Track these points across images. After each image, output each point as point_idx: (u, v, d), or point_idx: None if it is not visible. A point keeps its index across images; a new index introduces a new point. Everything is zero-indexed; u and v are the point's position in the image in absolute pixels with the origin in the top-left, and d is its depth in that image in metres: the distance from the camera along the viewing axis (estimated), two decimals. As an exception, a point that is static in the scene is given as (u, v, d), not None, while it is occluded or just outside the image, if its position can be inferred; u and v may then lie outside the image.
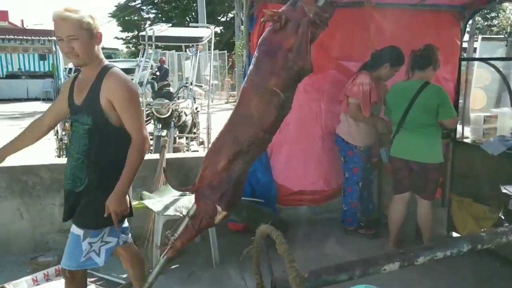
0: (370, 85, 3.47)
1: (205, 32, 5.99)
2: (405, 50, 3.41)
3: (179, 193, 3.48)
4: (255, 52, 1.67)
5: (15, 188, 3.38)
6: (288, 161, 3.92)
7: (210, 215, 1.70)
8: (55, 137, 5.18)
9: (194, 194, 1.75)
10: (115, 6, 31.45)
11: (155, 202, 3.22)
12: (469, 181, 3.54)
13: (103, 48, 2.23)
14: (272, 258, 3.50)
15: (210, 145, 1.79)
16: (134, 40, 31.09)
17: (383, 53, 3.58)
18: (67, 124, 5.10)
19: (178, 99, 5.61)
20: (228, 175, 1.73)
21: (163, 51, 17.46)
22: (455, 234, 3.90)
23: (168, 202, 3.27)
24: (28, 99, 19.13)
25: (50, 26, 5.39)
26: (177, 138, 5.60)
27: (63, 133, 5.15)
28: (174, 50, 18.30)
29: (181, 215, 1.79)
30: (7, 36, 19.17)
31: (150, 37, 5.28)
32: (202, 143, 6.02)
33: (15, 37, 19.30)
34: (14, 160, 3.47)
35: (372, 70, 3.59)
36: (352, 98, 3.52)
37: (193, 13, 27.80)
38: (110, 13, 30.76)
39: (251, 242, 3.58)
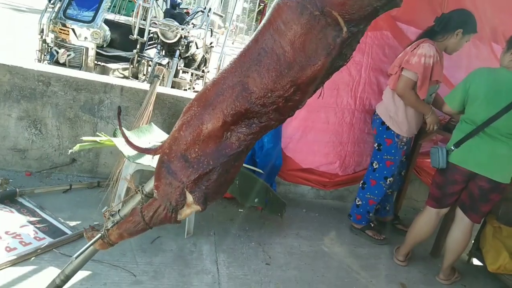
0: (434, 58, 2.65)
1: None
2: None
3: (164, 138, 2.79)
4: None
5: (-38, 84, 2.68)
6: (304, 132, 3.17)
7: (172, 206, 1.00)
8: (39, 36, 4.41)
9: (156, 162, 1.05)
10: None
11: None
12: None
13: None
14: (262, 241, 2.88)
15: (200, 89, 1.04)
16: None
17: (453, 16, 2.76)
18: (56, 25, 4.32)
19: (191, 25, 4.73)
20: (219, 148, 1.01)
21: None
22: (475, 262, 3.26)
23: (146, 147, 2.58)
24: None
25: None
26: (180, 71, 4.80)
27: (50, 34, 4.36)
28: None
29: (131, 187, 1.08)
30: None
31: None
32: (208, 84, 5.23)
33: None
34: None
35: (437, 38, 2.77)
36: (409, 71, 2.70)
37: None
38: None
39: (236, 215, 2.88)
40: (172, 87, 4.46)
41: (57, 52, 4.17)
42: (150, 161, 2.44)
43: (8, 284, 1.95)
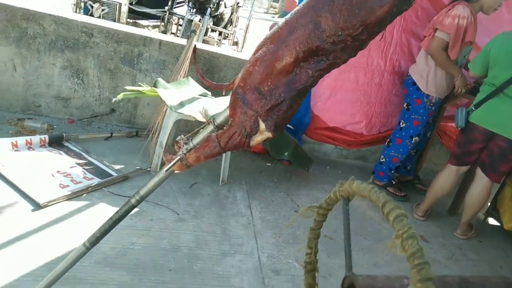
0: (468, 20, 2.71)
1: None
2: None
3: (200, 91, 2.92)
4: None
5: (12, 34, 2.80)
6: (333, 91, 3.27)
7: (247, 132, 1.14)
8: (75, -11, 4.49)
9: (229, 96, 1.18)
10: None
11: (170, 94, 2.67)
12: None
13: None
14: (290, 192, 3.05)
15: (270, 30, 1.15)
16: None
17: None
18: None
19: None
20: (289, 82, 1.13)
21: None
22: (492, 222, 3.42)
23: (186, 98, 2.72)
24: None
25: None
26: (209, 30, 4.87)
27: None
28: None
29: (204, 119, 1.22)
30: None
31: None
32: (236, 43, 5.28)
33: None
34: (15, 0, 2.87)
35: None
36: (441, 32, 2.77)
37: None
38: None
39: (265, 168, 3.06)
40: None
41: (92, 7, 4.26)
42: (190, 111, 2.58)
43: (65, 215, 2.15)
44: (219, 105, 2.69)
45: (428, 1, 3.18)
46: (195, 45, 1.60)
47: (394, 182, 3.36)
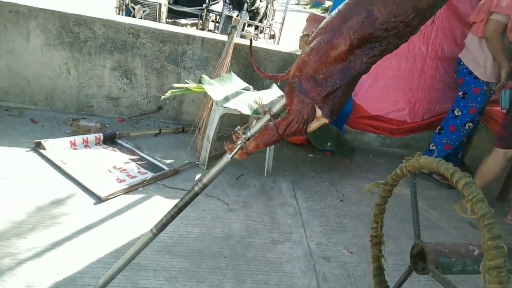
0: None
1: None
2: None
3: (243, 86, 3.00)
4: None
5: (66, 39, 2.98)
6: (375, 79, 3.26)
7: (304, 119, 1.19)
8: (117, -7, 4.69)
9: (270, 89, 1.23)
10: None
11: (215, 89, 2.76)
12: None
13: None
14: (334, 182, 3.07)
15: (324, 20, 1.20)
16: None
17: None
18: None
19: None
20: (344, 69, 1.18)
21: None
22: None
23: (230, 93, 2.80)
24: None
25: None
26: (246, 24, 4.94)
27: (127, -9, 4.62)
28: None
29: (261, 111, 1.28)
30: None
31: None
32: (273, 36, 5.33)
33: None
34: (69, 6, 3.04)
35: None
36: (499, 14, 2.71)
37: None
38: None
39: (308, 160, 3.10)
40: (240, 39, 4.62)
41: (133, 9, 4.43)
42: (235, 105, 2.66)
43: (125, 207, 2.28)
44: (263, 98, 2.76)
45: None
46: (251, 39, 1.67)
47: (440, 170, 3.31)
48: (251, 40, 1.32)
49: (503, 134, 2.84)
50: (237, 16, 4.48)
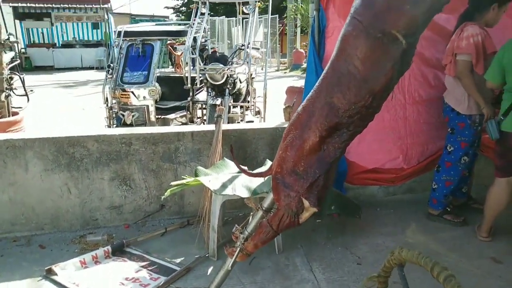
0: (482, 35, 2.85)
1: (262, -13, 5.45)
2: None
3: (238, 169, 3.07)
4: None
5: (62, 161, 3.11)
6: (362, 135, 3.29)
7: (294, 212, 1.24)
8: (105, 105, 4.93)
9: (271, 181, 1.29)
10: (165, -27, 31.46)
11: (211, 179, 2.83)
12: None
13: (153, 16, 1.78)
14: (348, 245, 3.03)
15: (293, 116, 1.29)
16: (183, 8, 31.21)
17: None
18: (116, 92, 4.82)
19: (233, 64, 5.14)
20: (320, 159, 1.25)
21: (213, 18, 16.96)
22: None
23: (226, 179, 2.87)
24: (82, 68, 19.58)
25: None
26: (231, 107, 5.16)
27: (113, 101, 4.87)
28: (224, 16, 17.74)
29: (252, 206, 1.33)
30: (62, 5, 19.56)
31: (203, -5, 4.79)
32: (258, 112, 5.55)
33: (70, 5, 19.69)
34: (60, 130, 3.20)
35: (476, 18, 2.94)
36: (462, 54, 2.89)
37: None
38: (160, -19, 30.80)
39: (317, 226, 3.09)
40: (228, 123, 4.80)
41: (123, 115, 4.65)
42: (233, 191, 2.71)
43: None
44: (259, 179, 2.82)
45: (428, 30, 3.30)
46: (231, 145, 1.76)
47: (449, 209, 3.30)
48: (231, 147, 1.40)
49: (500, 164, 2.87)
50: (220, 102, 4.70)
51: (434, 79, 3.39)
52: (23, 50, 19.28)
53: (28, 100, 5.10)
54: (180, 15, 33.53)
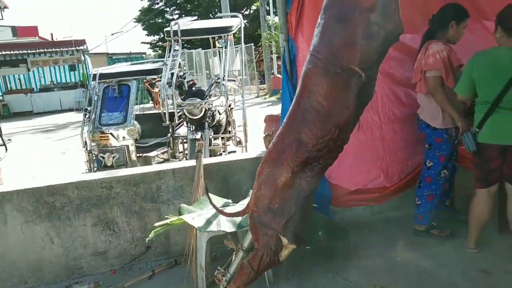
0: (446, 50, 2.98)
1: (234, 21, 5.55)
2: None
3: (222, 202, 3.05)
4: (319, 20, 1.19)
5: (42, 211, 3.05)
6: (342, 157, 3.35)
7: (273, 251, 1.24)
8: (84, 149, 4.89)
9: (248, 220, 1.30)
10: (139, 10, 31.93)
11: (195, 216, 2.80)
12: None
13: (131, 53, 1.81)
14: (338, 269, 3.01)
15: (264, 154, 1.31)
16: (160, 43, 31.59)
17: (443, 12, 3.10)
18: (95, 135, 4.80)
19: (210, 97, 5.19)
20: (294, 194, 1.26)
21: (190, 50, 17.21)
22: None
23: (210, 215, 2.84)
24: (61, 111, 19.47)
25: (78, 36, 5.11)
26: (212, 139, 5.18)
27: (93, 144, 4.84)
28: (200, 48, 18.01)
29: (232, 247, 1.32)
30: (37, 50, 19.59)
31: (175, 32, 4.86)
32: (239, 142, 5.57)
33: (45, 50, 19.73)
34: (39, 180, 3.15)
35: (438, 36, 3.08)
36: (431, 71, 3.00)
37: (216, 10, 28.15)
38: (135, 18, 31.19)
39: (305, 253, 3.07)
40: (210, 155, 4.81)
41: (103, 158, 4.61)
42: (218, 226, 2.68)
43: None
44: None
45: (394, 49, 3.41)
46: (206, 188, 1.76)
47: (434, 224, 3.32)
48: (207, 190, 1.41)
49: (479, 175, 2.92)
50: (201, 136, 4.71)
51: (406, 97, 3.47)
52: (0, 98, 19.14)
53: (6, 150, 5.03)
54: (158, 50, 33.89)
